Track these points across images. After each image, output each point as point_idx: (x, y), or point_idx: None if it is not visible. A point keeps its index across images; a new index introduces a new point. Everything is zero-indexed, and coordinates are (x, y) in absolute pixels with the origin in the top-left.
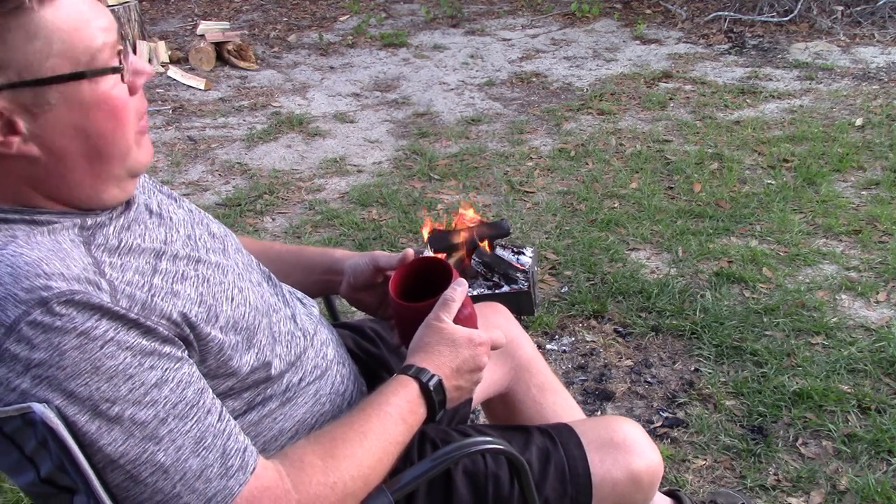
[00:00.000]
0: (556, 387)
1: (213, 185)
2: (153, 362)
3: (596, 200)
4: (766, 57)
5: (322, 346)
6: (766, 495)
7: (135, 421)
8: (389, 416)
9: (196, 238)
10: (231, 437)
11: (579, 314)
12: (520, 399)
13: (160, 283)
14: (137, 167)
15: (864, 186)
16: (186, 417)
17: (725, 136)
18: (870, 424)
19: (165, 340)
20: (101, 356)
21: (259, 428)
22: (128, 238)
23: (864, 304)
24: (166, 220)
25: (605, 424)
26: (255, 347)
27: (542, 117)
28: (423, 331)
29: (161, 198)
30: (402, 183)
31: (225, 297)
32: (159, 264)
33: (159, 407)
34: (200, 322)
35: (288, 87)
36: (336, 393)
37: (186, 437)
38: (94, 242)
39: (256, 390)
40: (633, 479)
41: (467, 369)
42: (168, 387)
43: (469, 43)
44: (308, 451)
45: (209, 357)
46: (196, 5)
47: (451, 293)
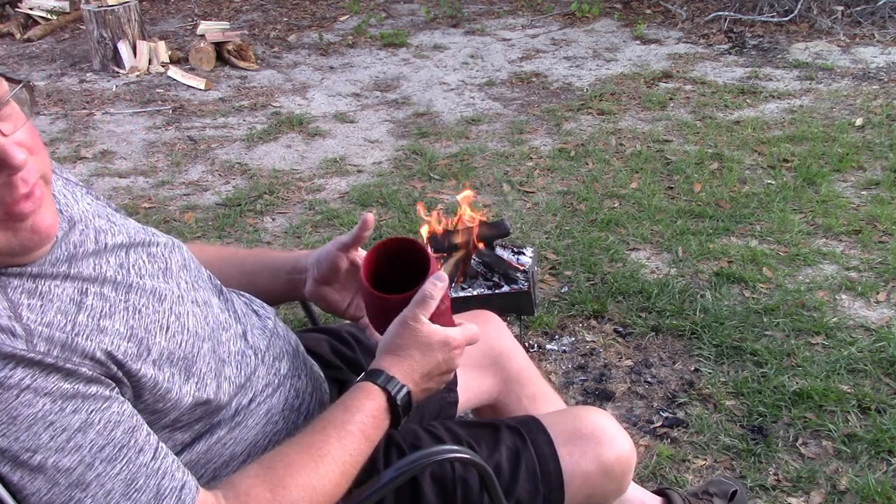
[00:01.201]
0: (550, 396)
1: (213, 185)
2: (76, 405)
3: (596, 200)
4: (766, 57)
5: (275, 361)
6: (766, 495)
7: (59, 468)
8: (351, 435)
9: (130, 265)
10: (166, 476)
11: (579, 314)
12: (510, 410)
13: (84, 320)
14: (18, 250)
15: (864, 186)
16: (115, 460)
17: (725, 136)
18: (870, 424)
19: (90, 381)
20: (16, 405)
21: (209, 455)
22: (48, 279)
23: (864, 304)
24: (98, 250)
25: (573, 416)
26: (195, 377)
27: (542, 117)
28: (397, 328)
29: (98, 224)
30: (402, 183)
31: (158, 327)
32: (85, 300)
33: (84, 452)
34: (129, 359)
35: (288, 87)
36: (290, 409)
37: (116, 481)
38: (10, 285)
39: (203, 420)
40: (604, 470)
41: (438, 373)
42: (94, 430)
43: (469, 43)
44: (258, 483)
45: (144, 392)
46: (196, 5)
47: (432, 289)
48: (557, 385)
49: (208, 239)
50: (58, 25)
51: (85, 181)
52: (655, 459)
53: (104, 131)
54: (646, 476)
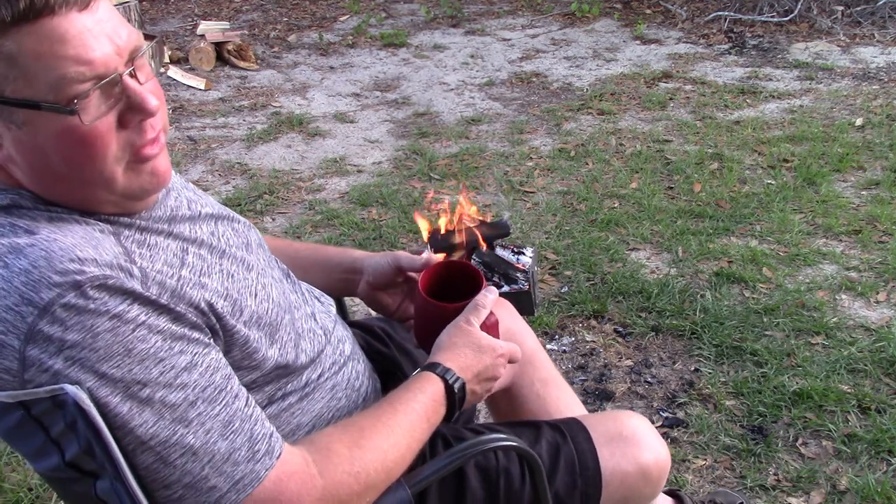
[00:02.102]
0: (559, 381)
1: (213, 185)
2: (183, 347)
3: (596, 200)
4: (766, 57)
5: (339, 342)
6: (766, 495)
7: (165, 403)
8: (415, 413)
9: (220, 234)
10: (258, 423)
11: (579, 314)
12: (523, 393)
13: (188, 275)
14: (136, 192)
15: (864, 186)
16: (215, 401)
17: (725, 136)
18: (870, 424)
19: (194, 327)
20: (132, 339)
21: (277, 422)
22: (154, 234)
23: (864, 304)
24: (193, 216)
25: (614, 418)
26: (278, 343)
27: (542, 117)
28: (451, 330)
29: (188, 195)
30: (402, 183)
31: (249, 292)
32: (186, 257)
33: (189, 390)
34: (226, 314)
35: (288, 87)
36: (352, 388)
37: (215, 421)
38: (122, 234)
39: (277, 384)
40: (643, 473)
41: (485, 377)
42: (197, 371)
43: (469, 43)
44: (335, 440)
45: (234, 348)
46: (196, 5)
47: (483, 299)
48: None
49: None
50: None
51: None
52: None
53: None
54: None
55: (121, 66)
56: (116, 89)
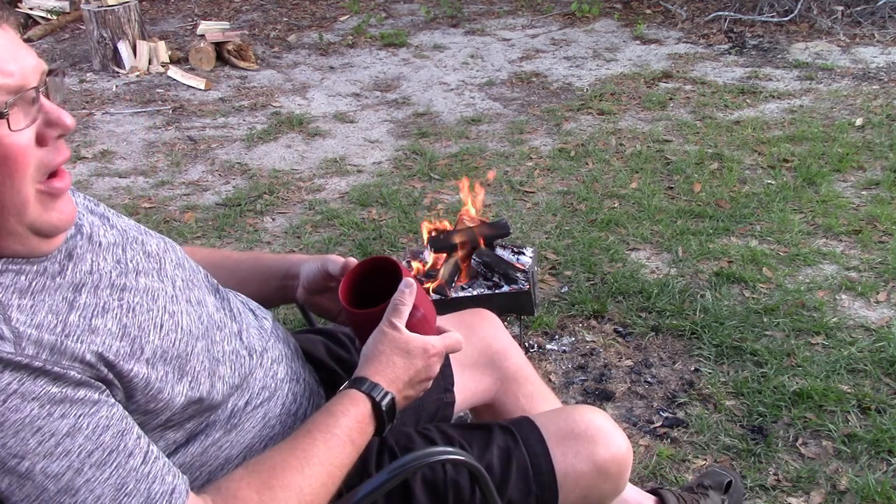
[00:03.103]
0: (547, 396)
1: (213, 185)
2: (64, 410)
3: (596, 200)
4: (766, 57)
5: (273, 364)
6: (766, 495)
7: (47, 474)
8: (336, 438)
9: (127, 260)
10: (157, 480)
11: (579, 314)
12: (508, 409)
13: (76, 321)
14: (44, 228)
15: (864, 186)
16: (105, 464)
17: (725, 136)
18: (870, 424)
19: (79, 384)
20: (3, 410)
21: (204, 458)
22: (42, 277)
23: (864, 304)
24: (94, 247)
25: (567, 415)
26: (189, 376)
27: (542, 117)
28: (375, 336)
29: (92, 220)
30: (402, 183)
31: (152, 325)
32: (77, 299)
33: (73, 457)
34: (121, 359)
35: (288, 87)
36: (287, 413)
37: (105, 486)
38: (1, 285)
39: (198, 419)
40: (599, 470)
41: (418, 380)
42: (82, 434)
43: (469, 43)
44: (243, 485)
45: (136, 393)
46: (196, 5)
47: (400, 297)
48: (557, 385)
49: (208, 239)
50: (58, 25)
51: (85, 181)
52: (655, 459)
53: (104, 131)
54: (646, 476)
55: (35, 82)
56: (34, 106)
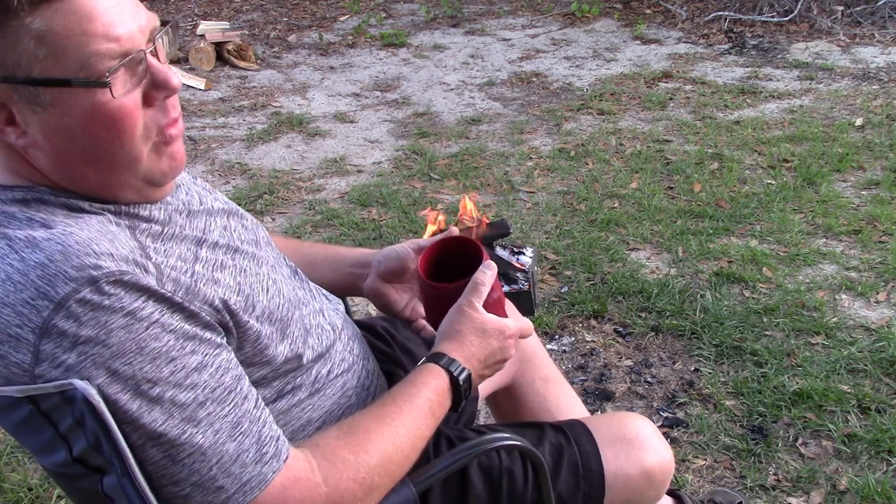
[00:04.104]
0: (560, 380)
1: (213, 184)
2: (195, 346)
3: (596, 200)
4: (766, 57)
5: (349, 340)
6: (766, 495)
7: (175, 402)
8: (420, 410)
9: (231, 229)
10: (266, 425)
11: (579, 314)
12: (524, 392)
13: (201, 271)
14: (156, 177)
15: (864, 186)
16: (224, 402)
17: (725, 136)
18: (870, 424)
19: (207, 326)
20: (146, 337)
21: (288, 417)
22: (169, 226)
23: (864, 304)
24: (205, 211)
25: (618, 421)
26: (289, 338)
27: (542, 117)
28: (453, 315)
29: (198, 189)
30: (402, 183)
31: (261, 287)
32: (200, 252)
33: (199, 390)
34: (239, 310)
35: (288, 87)
36: (362, 387)
37: (224, 422)
38: (138, 228)
39: (286, 379)
40: (646, 476)
41: (494, 360)
42: (208, 371)
43: (469, 43)
44: (341, 445)
45: (246, 345)
46: (196, 5)
47: (482, 276)
48: None
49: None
50: None
51: None
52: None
53: None
54: None
55: (143, 44)
56: (140, 67)
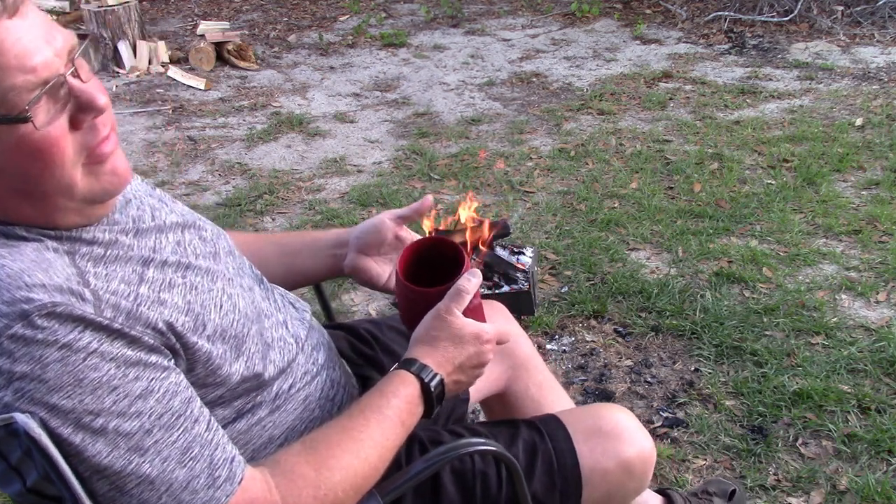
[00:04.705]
0: (554, 385)
1: (213, 185)
2: (138, 373)
3: (596, 200)
4: (766, 57)
5: (313, 350)
6: (766, 495)
7: (119, 432)
8: (388, 420)
9: (186, 243)
10: (219, 448)
11: (579, 314)
12: (518, 398)
13: (146, 293)
14: (98, 196)
15: (864, 186)
16: (173, 428)
17: (725, 136)
18: (870, 424)
19: (151, 350)
20: (83, 368)
21: (248, 436)
22: (113, 248)
23: (864, 304)
24: (156, 227)
25: (593, 413)
26: (245, 356)
27: (542, 117)
28: (430, 321)
29: (152, 202)
30: (402, 183)
31: (213, 304)
32: (146, 272)
33: (144, 418)
34: (187, 332)
35: (288, 87)
36: (326, 398)
37: (173, 448)
38: (78, 252)
39: (246, 398)
40: (625, 468)
41: (470, 365)
42: (154, 397)
43: (469, 43)
44: (301, 461)
45: (197, 366)
46: (196, 5)
47: (466, 284)
48: None
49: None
50: None
51: None
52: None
53: None
54: None
55: (62, 67)
56: (62, 92)
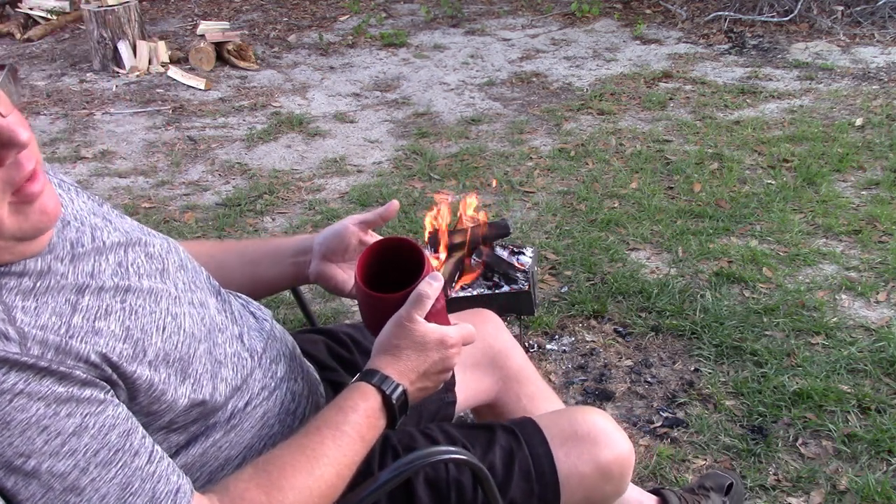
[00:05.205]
0: (548, 395)
1: (213, 185)
2: (70, 409)
3: (596, 200)
4: (766, 57)
5: (271, 363)
6: (766, 495)
7: (53, 473)
8: (346, 436)
9: (129, 264)
10: (161, 480)
11: (579, 314)
12: (510, 409)
13: (80, 323)
14: (27, 234)
15: (864, 186)
16: (110, 464)
17: (725, 136)
18: (870, 424)
19: (85, 384)
20: (10, 410)
21: (204, 458)
22: (44, 278)
23: (864, 304)
24: (95, 249)
25: (569, 417)
26: (191, 378)
27: (542, 117)
28: (391, 329)
29: (95, 221)
30: (402, 183)
31: (155, 327)
32: (80, 301)
33: (79, 456)
34: (124, 361)
35: (288, 87)
36: (286, 412)
37: (111, 485)
38: (5, 287)
39: (200, 422)
40: (602, 472)
41: (434, 371)
42: (88, 433)
43: (469, 43)
44: (252, 486)
45: (139, 394)
46: (196, 5)
47: (427, 289)
48: (557, 385)
49: (208, 239)
50: (58, 25)
51: (85, 181)
52: (655, 459)
53: (104, 131)
54: (646, 476)
55: None
56: None
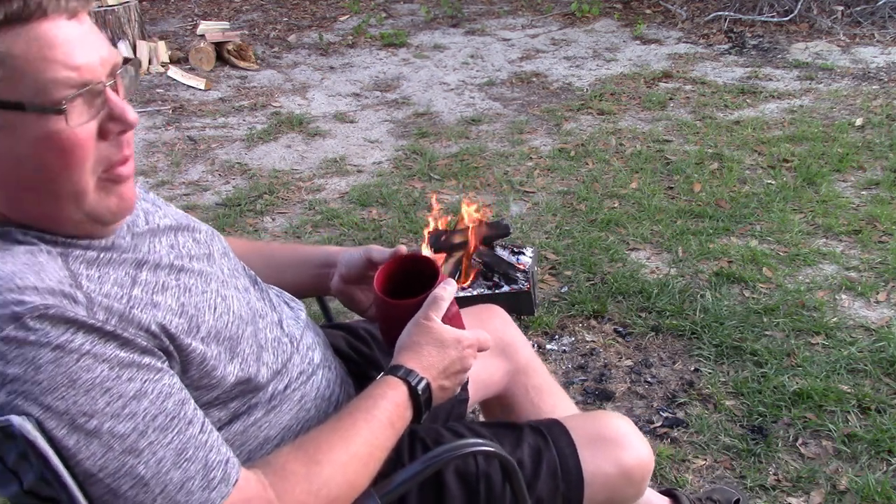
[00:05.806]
0: (554, 388)
1: (213, 185)
2: (131, 374)
3: (596, 200)
4: (766, 57)
5: (308, 350)
6: (766, 495)
7: (113, 434)
8: (377, 420)
9: (179, 246)
10: (213, 449)
11: (579, 314)
12: (518, 401)
13: (139, 295)
14: (102, 216)
15: (864, 186)
16: (167, 429)
17: (725, 136)
18: (870, 424)
19: (144, 352)
20: (76, 369)
21: (244, 437)
22: (107, 251)
23: (864, 304)
24: (149, 231)
25: (595, 420)
26: (239, 357)
27: (542, 117)
28: (411, 329)
29: (145, 206)
30: (402, 183)
31: (207, 306)
32: (139, 275)
33: (138, 419)
34: (181, 333)
35: (288, 87)
36: (321, 398)
37: (167, 450)
38: (71, 255)
39: (242, 400)
40: (624, 474)
41: (454, 371)
42: (147, 398)
43: (469, 43)
44: (291, 459)
45: (191, 368)
46: (196, 5)
47: (441, 292)
48: None
49: None
50: None
51: None
52: (655, 459)
53: None
54: None
55: (103, 76)
56: (98, 99)
